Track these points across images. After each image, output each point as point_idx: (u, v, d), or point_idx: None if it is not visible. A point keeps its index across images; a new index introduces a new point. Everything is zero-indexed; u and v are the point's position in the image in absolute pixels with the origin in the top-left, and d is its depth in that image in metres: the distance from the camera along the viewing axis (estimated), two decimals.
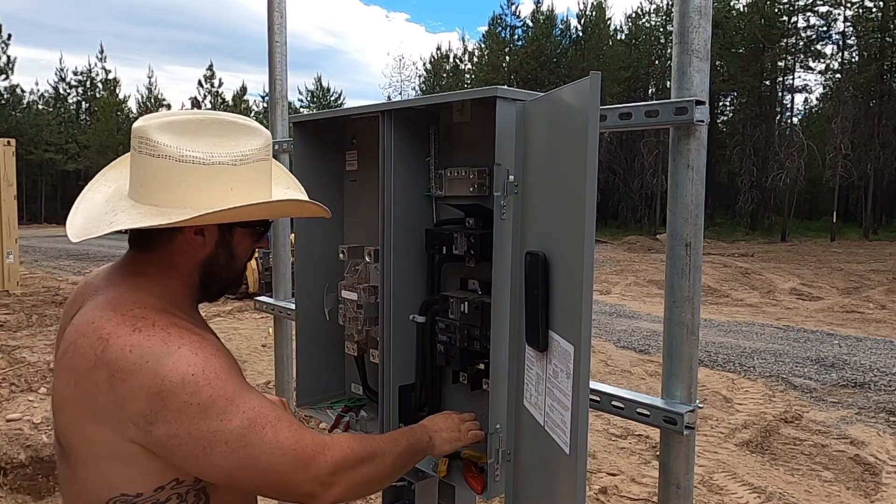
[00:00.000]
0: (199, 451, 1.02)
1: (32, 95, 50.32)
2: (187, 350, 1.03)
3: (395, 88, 48.35)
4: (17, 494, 4.26)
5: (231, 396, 1.03)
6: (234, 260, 1.22)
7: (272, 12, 2.39)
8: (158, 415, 0.99)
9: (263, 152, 1.15)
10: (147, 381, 0.99)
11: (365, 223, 1.90)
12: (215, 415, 1.01)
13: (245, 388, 1.07)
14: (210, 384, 1.02)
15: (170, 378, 0.99)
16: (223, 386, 1.03)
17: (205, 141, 1.09)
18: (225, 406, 1.02)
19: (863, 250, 23.05)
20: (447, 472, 1.53)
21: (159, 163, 1.07)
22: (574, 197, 1.08)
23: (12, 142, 10.48)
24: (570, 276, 1.11)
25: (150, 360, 1.00)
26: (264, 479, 1.06)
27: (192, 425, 1.00)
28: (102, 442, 1.03)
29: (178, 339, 1.04)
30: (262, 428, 1.05)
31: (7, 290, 10.25)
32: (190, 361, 1.02)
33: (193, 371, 1.01)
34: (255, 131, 1.15)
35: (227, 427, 1.02)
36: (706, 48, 1.24)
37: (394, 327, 1.63)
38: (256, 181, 1.14)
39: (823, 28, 34.58)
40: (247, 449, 1.03)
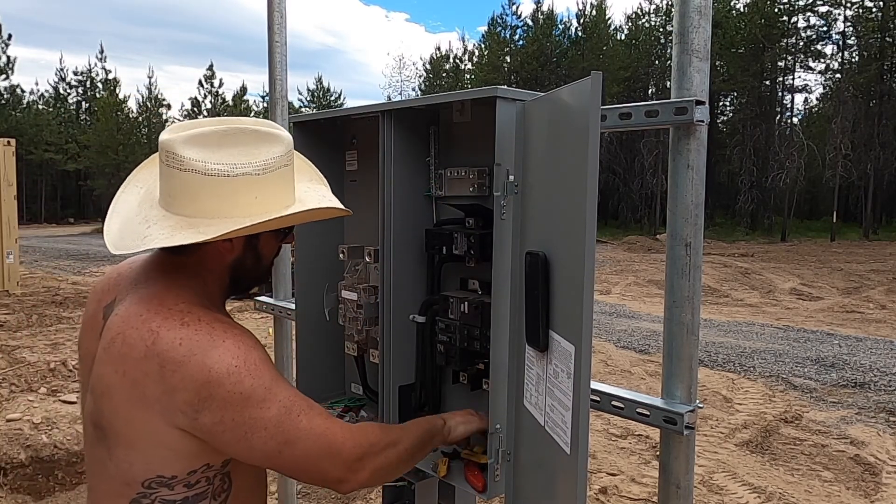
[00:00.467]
0: (241, 437, 1.10)
1: (32, 95, 50.38)
2: (231, 343, 1.10)
3: (394, 88, 48.37)
4: (17, 494, 4.26)
5: (269, 386, 1.11)
6: (260, 260, 1.29)
7: (272, 12, 2.39)
8: (205, 403, 1.07)
9: (286, 158, 1.19)
10: (196, 373, 1.07)
11: (365, 223, 1.90)
12: (255, 403, 1.09)
13: (279, 378, 1.15)
14: (251, 375, 1.09)
15: (216, 370, 1.07)
16: (262, 376, 1.11)
17: (229, 152, 1.14)
18: (264, 395, 1.10)
19: (863, 250, 23.05)
20: (447, 472, 1.53)
21: (187, 176, 1.12)
22: (574, 197, 1.08)
23: (12, 142, 10.48)
24: (570, 276, 1.11)
25: (197, 353, 1.08)
26: (298, 464, 1.15)
27: (235, 413, 1.08)
28: (148, 427, 1.10)
29: (223, 332, 1.12)
30: (297, 416, 1.13)
31: (7, 290, 10.25)
32: (234, 354, 1.09)
33: (237, 363, 1.09)
34: (276, 138, 1.19)
35: (266, 415, 1.10)
36: (706, 48, 1.24)
37: (394, 327, 1.63)
38: (280, 186, 1.19)
39: (823, 28, 34.60)
40: (283, 434, 1.11)
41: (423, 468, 1.57)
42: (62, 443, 4.56)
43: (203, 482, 1.17)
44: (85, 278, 13.67)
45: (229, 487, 1.21)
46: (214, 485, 1.18)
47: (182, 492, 1.15)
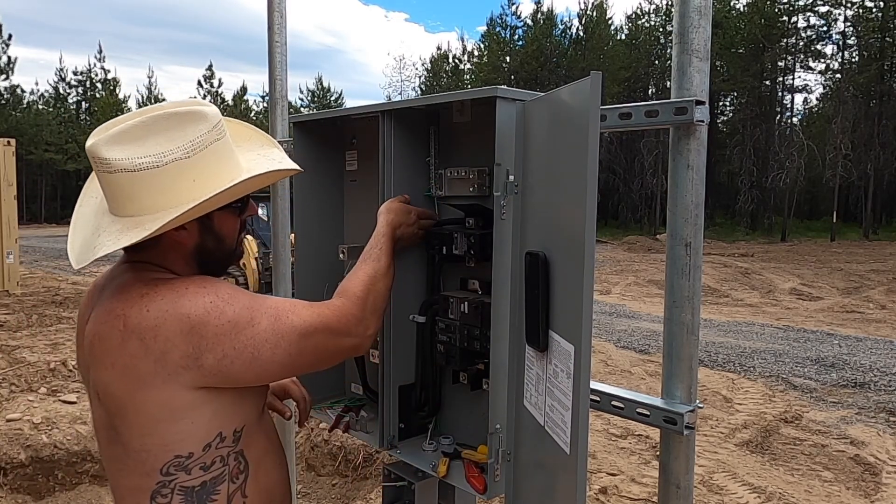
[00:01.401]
0: (250, 359, 1.13)
1: (32, 95, 50.37)
2: (195, 287, 1.13)
3: (395, 88, 48.38)
4: (17, 494, 4.26)
5: (249, 305, 1.15)
6: (222, 241, 1.27)
7: (272, 12, 2.39)
8: (200, 346, 1.09)
9: (215, 133, 1.16)
10: (176, 326, 1.08)
11: (365, 223, 1.90)
12: (246, 324, 1.12)
13: (255, 296, 1.18)
14: (228, 303, 1.13)
15: (194, 313, 1.09)
16: (239, 300, 1.14)
17: (154, 141, 1.10)
18: (250, 315, 1.14)
19: (863, 250, 23.05)
20: (447, 472, 1.53)
21: (119, 177, 1.10)
22: (574, 197, 1.08)
23: (12, 142, 10.48)
24: (570, 276, 1.11)
25: (168, 309, 1.09)
26: (314, 356, 1.21)
27: (233, 340, 1.11)
28: (155, 404, 1.10)
29: (183, 284, 1.14)
30: (287, 317, 1.17)
31: (7, 290, 10.25)
32: (202, 294, 1.12)
33: (210, 299, 1.11)
34: (199, 115, 1.14)
35: (260, 330, 1.14)
36: (706, 48, 1.24)
37: (394, 327, 1.63)
38: (217, 163, 1.16)
39: (823, 28, 34.61)
40: (286, 338, 1.16)
41: (423, 468, 1.57)
42: (62, 443, 4.56)
43: (219, 463, 1.17)
44: (85, 278, 13.67)
45: (246, 469, 1.22)
46: (230, 466, 1.19)
47: (199, 475, 1.15)
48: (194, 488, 1.15)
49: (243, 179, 1.16)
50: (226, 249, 1.28)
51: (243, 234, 1.33)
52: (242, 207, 1.29)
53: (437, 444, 1.66)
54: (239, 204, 1.26)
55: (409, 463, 1.62)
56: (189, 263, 1.24)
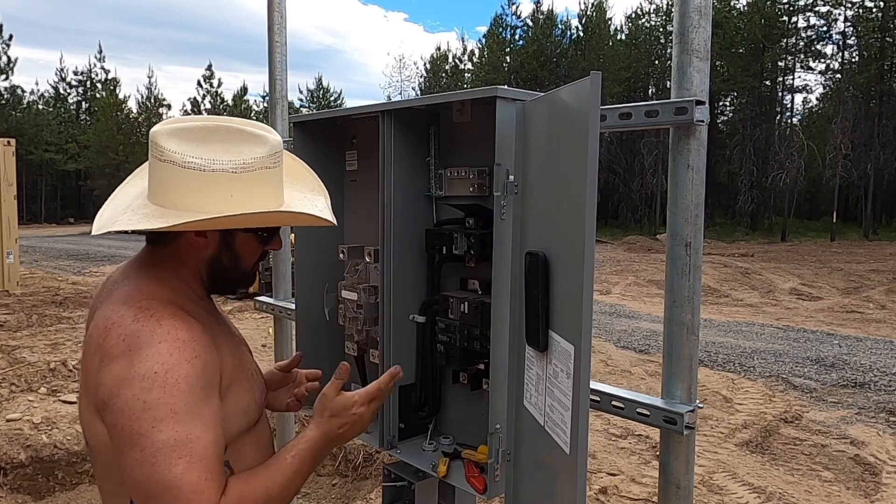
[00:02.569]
0: (121, 446, 1.03)
1: (32, 95, 50.30)
2: (166, 347, 1.05)
3: (395, 88, 48.37)
4: (17, 494, 4.26)
5: (175, 410, 1.03)
6: (238, 261, 1.25)
7: (272, 12, 2.39)
8: (111, 402, 1.04)
9: (269, 161, 1.17)
10: (119, 369, 1.04)
11: (365, 223, 1.90)
12: (151, 419, 1.01)
13: (196, 410, 1.05)
14: (164, 387, 1.03)
15: (136, 370, 1.03)
16: (176, 396, 1.03)
17: (210, 147, 1.13)
18: (163, 416, 1.02)
19: (863, 250, 23.05)
20: (447, 472, 1.53)
21: (165, 167, 1.12)
22: (574, 197, 1.08)
23: (12, 142, 10.47)
24: (570, 276, 1.11)
25: (131, 348, 1.05)
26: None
27: (128, 419, 1.02)
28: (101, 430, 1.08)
29: (165, 333, 1.07)
30: (178, 457, 1.01)
31: (7, 290, 10.24)
32: (161, 360, 1.04)
33: (157, 369, 1.03)
34: (261, 139, 1.17)
35: (153, 437, 1.01)
36: (706, 48, 1.24)
37: (394, 327, 1.63)
38: (260, 188, 1.16)
39: (823, 28, 34.59)
40: (153, 468, 1.01)
41: (423, 468, 1.57)
42: (62, 443, 4.56)
43: None
44: (85, 278, 13.67)
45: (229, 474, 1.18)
46: None
47: None
48: None
49: (273, 210, 1.17)
50: (240, 271, 1.27)
51: (259, 265, 1.33)
52: (268, 238, 1.28)
53: (437, 444, 1.66)
54: (265, 233, 1.26)
55: (409, 463, 1.63)
56: (199, 271, 1.23)
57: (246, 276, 1.30)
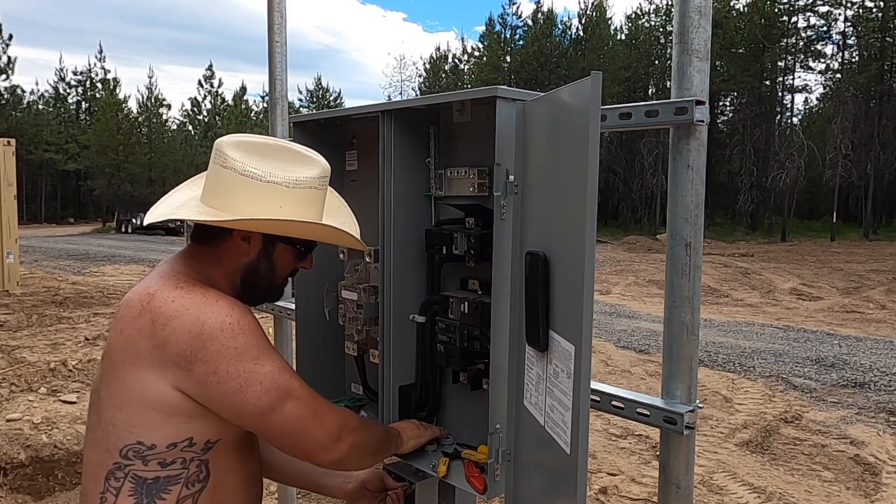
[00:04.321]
0: (235, 389, 1.14)
1: (32, 95, 50.34)
2: (225, 304, 1.17)
3: (395, 88, 48.37)
4: (17, 494, 4.26)
5: (262, 347, 1.18)
6: (273, 272, 1.33)
7: (272, 12, 2.38)
8: (198, 354, 1.12)
9: (318, 181, 1.28)
10: (188, 325, 1.12)
11: (365, 223, 1.90)
12: (250, 359, 1.15)
13: (272, 347, 1.21)
14: (245, 333, 1.15)
15: (209, 323, 1.13)
16: (256, 337, 1.17)
17: (269, 162, 1.24)
18: (258, 354, 1.16)
19: (863, 250, 23.04)
20: (447, 472, 1.53)
21: (226, 173, 1.23)
22: (574, 197, 1.08)
23: (12, 142, 10.47)
24: (570, 276, 1.11)
25: (190, 308, 1.14)
26: (287, 425, 1.19)
27: (230, 364, 1.13)
28: (138, 384, 1.14)
29: (217, 295, 1.18)
30: (290, 378, 1.19)
31: (7, 290, 10.24)
32: (228, 312, 1.16)
33: (231, 320, 1.15)
34: (314, 163, 1.29)
35: (261, 370, 1.16)
36: (706, 48, 1.24)
37: (394, 327, 1.63)
38: (306, 205, 1.27)
39: (823, 28, 34.60)
40: (279, 391, 1.17)
41: (423, 468, 1.57)
42: (62, 443, 4.56)
43: (178, 464, 1.18)
44: (85, 278, 13.67)
45: (206, 479, 1.22)
46: (190, 470, 1.20)
47: (155, 469, 1.17)
48: (146, 480, 1.17)
49: (318, 223, 1.28)
50: (273, 281, 1.34)
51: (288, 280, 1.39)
52: (304, 253, 1.36)
53: (437, 444, 1.66)
54: (302, 248, 1.35)
55: (409, 463, 1.62)
56: (235, 274, 1.30)
57: (276, 288, 1.37)
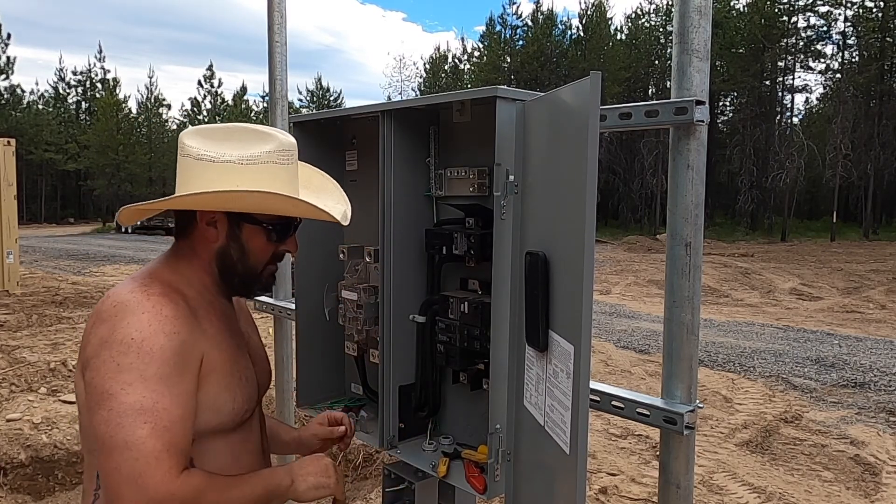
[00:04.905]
0: (92, 404, 1.09)
1: (32, 95, 50.29)
2: (147, 318, 1.11)
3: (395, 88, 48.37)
4: (17, 494, 4.26)
5: (146, 377, 1.08)
6: (245, 255, 1.29)
7: (272, 12, 2.39)
8: (91, 361, 1.11)
9: (276, 156, 1.24)
10: (103, 330, 1.11)
11: (365, 223, 1.90)
12: (123, 381, 1.07)
13: (167, 382, 1.09)
14: (139, 354, 1.08)
15: (117, 333, 1.10)
16: (148, 363, 1.08)
17: (224, 144, 1.23)
18: (133, 380, 1.07)
19: (863, 250, 23.04)
20: (447, 472, 1.53)
21: (184, 161, 1.23)
22: (574, 197, 1.08)
23: (12, 142, 10.46)
24: (570, 276, 1.11)
25: (118, 314, 1.12)
26: (104, 469, 1.05)
27: (103, 378, 1.08)
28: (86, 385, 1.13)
29: (151, 306, 1.13)
30: (143, 422, 1.05)
31: (7, 290, 10.24)
32: (140, 328, 1.10)
33: (135, 336, 1.09)
34: (269, 137, 1.25)
35: (121, 398, 1.06)
36: (706, 48, 1.24)
37: (394, 327, 1.63)
38: (264, 180, 1.22)
39: (823, 28, 34.59)
40: (118, 428, 1.04)
41: (423, 468, 1.57)
42: (62, 443, 4.56)
43: None
44: (85, 278, 13.66)
45: None
46: None
47: None
48: None
49: (258, 190, 1.20)
50: (249, 265, 1.30)
51: (271, 264, 1.34)
52: (277, 234, 1.30)
53: (437, 444, 1.66)
54: (270, 226, 1.28)
55: (409, 463, 1.63)
56: (210, 263, 1.28)
57: (255, 273, 1.32)
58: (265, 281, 1.36)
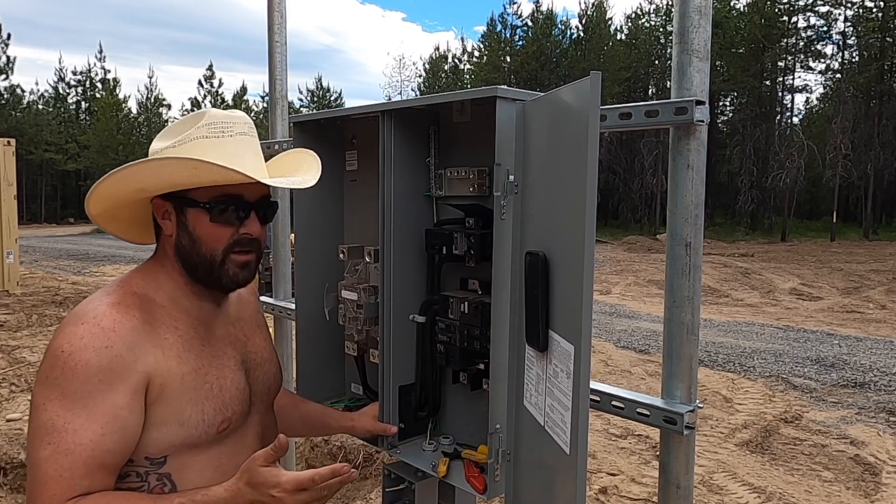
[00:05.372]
0: (29, 417, 1.10)
1: (32, 95, 50.26)
2: (82, 330, 1.09)
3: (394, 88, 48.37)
4: (18, 494, 4.26)
5: (65, 394, 1.06)
6: (196, 243, 1.22)
7: (272, 12, 2.39)
8: (38, 374, 1.11)
9: (203, 130, 1.20)
10: (51, 340, 1.11)
11: (365, 223, 1.90)
12: (45, 395, 1.07)
13: (86, 401, 1.06)
14: (63, 370, 1.07)
15: (54, 343, 1.10)
16: (69, 379, 1.06)
17: (167, 136, 1.23)
18: (54, 396, 1.07)
19: (863, 250, 23.04)
20: (447, 472, 1.53)
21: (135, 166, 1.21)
22: (574, 197, 1.08)
23: (12, 142, 10.47)
24: (570, 275, 1.11)
25: (64, 324, 1.12)
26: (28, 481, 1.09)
27: (35, 388, 1.10)
28: None
29: (93, 317, 1.11)
30: (47, 443, 1.05)
31: (7, 290, 10.24)
32: (72, 340, 1.08)
33: (65, 349, 1.08)
34: (202, 115, 1.22)
35: (40, 412, 1.07)
36: (706, 48, 1.24)
37: (394, 327, 1.63)
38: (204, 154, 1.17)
39: (823, 28, 34.59)
40: (30, 443, 1.08)
41: (423, 468, 1.57)
42: None
43: (134, 477, 1.15)
44: (85, 278, 13.67)
45: (173, 489, 1.17)
46: (150, 483, 1.16)
47: (115, 481, 1.13)
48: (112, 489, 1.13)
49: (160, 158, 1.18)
50: (202, 253, 1.22)
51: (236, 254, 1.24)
52: (215, 210, 1.20)
53: (437, 444, 1.66)
54: (208, 205, 1.20)
55: (409, 463, 1.63)
56: (175, 260, 1.25)
57: (211, 261, 1.22)
58: (232, 272, 1.24)
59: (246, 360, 1.34)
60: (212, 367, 1.23)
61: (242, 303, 1.43)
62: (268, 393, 1.42)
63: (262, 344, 1.43)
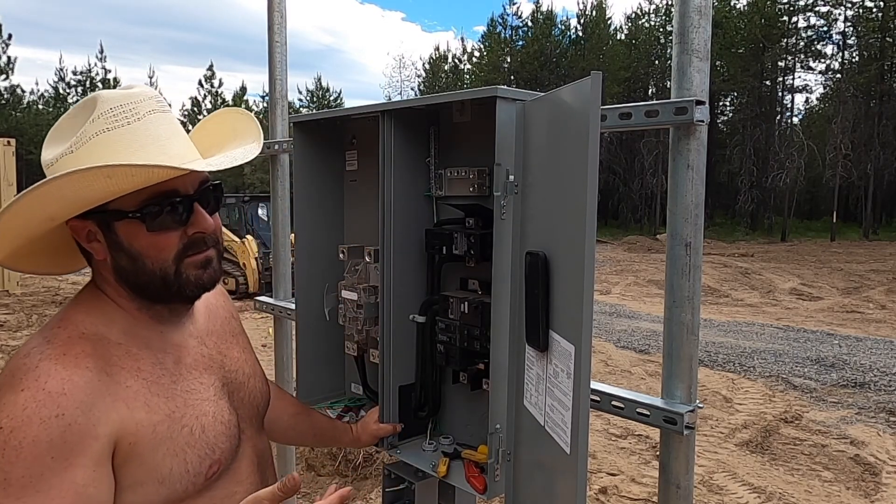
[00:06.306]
0: None
1: (32, 95, 50.30)
2: (24, 398, 0.89)
3: (394, 88, 48.39)
4: None
5: (9, 482, 0.86)
6: (138, 260, 1.02)
7: (272, 12, 2.38)
8: None
9: (102, 122, 0.97)
10: None
11: (365, 223, 1.90)
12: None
13: (37, 485, 0.87)
14: (3, 451, 0.86)
15: None
16: (14, 464, 0.86)
17: (56, 140, 1.02)
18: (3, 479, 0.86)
19: (863, 250, 23.05)
20: (447, 472, 1.53)
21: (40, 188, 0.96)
22: (574, 197, 1.08)
23: (12, 142, 10.49)
24: (570, 276, 1.11)
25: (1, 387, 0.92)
26: None
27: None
28: None
29: (33, 380, 0.90)
30: None
31: (7, 290, 10.25)
32: (13, 413, 0.88)
33: (4, 424, 0.87)
34: (95, 102, 0.99)
35: None
36: (706, 48, 1.24)
37: (394, 327, 1.63)
38: (97, 157, 0.96)
39: (824, 28, 34.65)
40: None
41: (423, 468, 1.57)
42: None
43: None
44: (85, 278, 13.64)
45: None
46: None
47: None
48: None
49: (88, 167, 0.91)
50: (148, 271, 1.02)
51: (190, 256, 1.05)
52: (149, 216, 0.99)
53: (437, 444, 1.66)
54: (139, 213, 0.98)
55: (409, 463, 1.63)
56: (118, 285, 1.05)
57: (164, 274, 1.03)
58: (194, 276, 1.05)
59: (227, 382, 1.17)
60: (188, 406, 1.04)
61: (211, 310, 1.24)
62: (257, 414, 1.25)
63: (241, 357, 1.25)
